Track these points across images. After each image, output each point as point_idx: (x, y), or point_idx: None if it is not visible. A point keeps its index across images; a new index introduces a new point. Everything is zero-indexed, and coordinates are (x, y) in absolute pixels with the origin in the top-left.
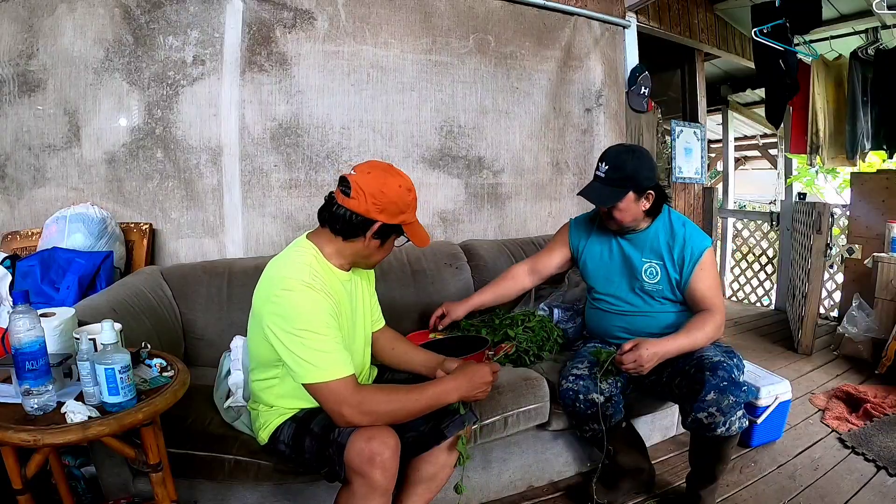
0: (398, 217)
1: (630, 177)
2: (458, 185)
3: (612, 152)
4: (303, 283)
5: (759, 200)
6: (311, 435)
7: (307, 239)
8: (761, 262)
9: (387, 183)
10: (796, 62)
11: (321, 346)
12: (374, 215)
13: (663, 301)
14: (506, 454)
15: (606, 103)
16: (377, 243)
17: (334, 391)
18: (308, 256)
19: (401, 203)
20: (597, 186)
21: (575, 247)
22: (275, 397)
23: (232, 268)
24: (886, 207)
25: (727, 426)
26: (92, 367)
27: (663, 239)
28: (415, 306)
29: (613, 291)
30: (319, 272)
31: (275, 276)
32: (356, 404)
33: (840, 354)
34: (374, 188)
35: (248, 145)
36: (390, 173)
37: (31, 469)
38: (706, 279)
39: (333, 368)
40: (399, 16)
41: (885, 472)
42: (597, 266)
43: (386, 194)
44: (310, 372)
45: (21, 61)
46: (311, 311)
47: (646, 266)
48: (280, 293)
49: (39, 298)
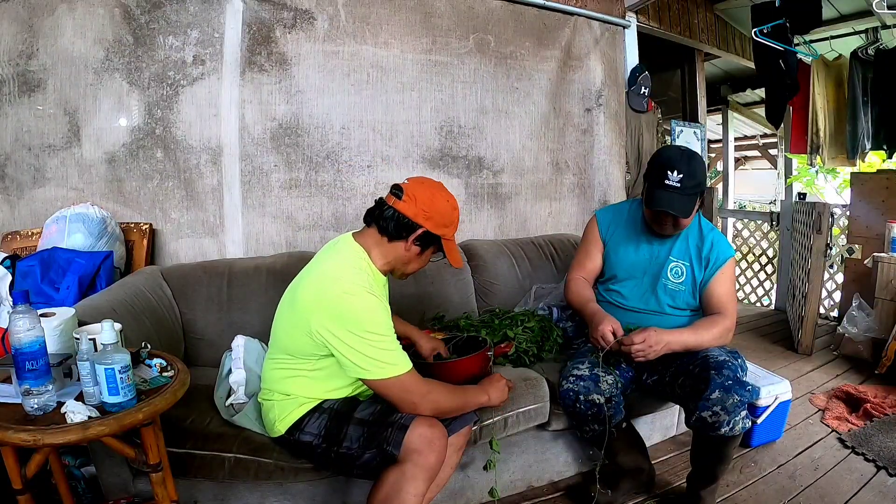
0: (441, 229)
1: (701, 183)
2: (458, 185)
3: (681, 159)
4: (365, 290)
5: (759, 200)
6: (356, 422)
7: (354, 240)
8: (761, 262)
9: (437, 196)
10: (796, 62)
11: (387, 346)
12: (420, 220)
13: (682, 306)
14: (506, 454)
15: (606, 103)
16: (417, 250)
17: (405, 383)
18: (362, 262)
19: (446, 217)
20: (674, 196)
21: (604, 236)
22: (297, 387)
23: (232, 268)
24: (886, 207)
25: (731, 426)
26: (92, 367)
27: (693, 241)
28: (415, 306)
29: (632, 287)
30: (372, 277)
31: (332, 278)
32: (425, 393)
33: (840, 354)
34: (425, 197)
35: (248, 145)
36: (441, 189)
37: (31, 469)
38: (725, 283)
39: (401, 364)
40: (399, 16)
41: (885, 472)
42: (621, 258)
43: (435, 205)
44: (382, 369)
45: (21, 61)
46: (375, 315)
47: (672, 265)
48: (342, 296)
49: (39, 298)
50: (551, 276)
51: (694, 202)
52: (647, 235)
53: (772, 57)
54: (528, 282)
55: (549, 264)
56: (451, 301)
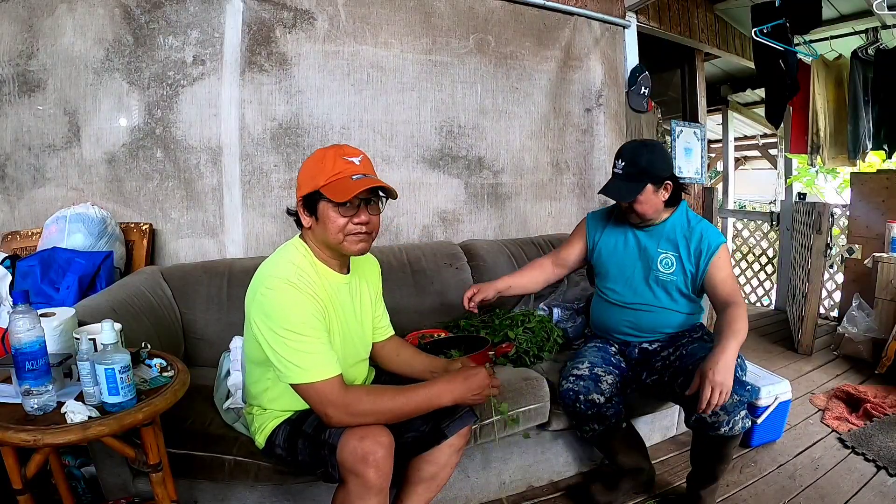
0: (309, 185)
1: (646, 169)
2: (458, 185)
3: (627, 148)
4: (286, 283)
5: (759, 200)
6: (303, 436)
7: (299, 238)
8: (761, 262)
9: (306, 161)
10: (796, 62)
11: (304, 347)
12: (298, 194)
13: (675, 296)
14: (506, 454)
15: (606, 103)
16: (313, 220)
17: (320, 392)
18: (297, 256)
19: (309, 172)
20: (616, 183)
21: (591, 239)
22: (268, 400)
23: (232, 268)
24: (886, 207)
25: (730, 425)
26: (92, 367)
27: (679, 232)
28: (415, 306)
29: (625, 282)
30: (307, 272)
31: (262, 275)
32: (342, 405)
33: (840, 354)
34: (301, 169)
35: (248, 145)
36: (319, 150)
37: (31, 469)
38: (723, 269)
39: (317, 369)
40: (399, 16)
41: (885, 472)
42: (610, 255)
43: (301, 171)
44: (294, 373)
45: (21, 61)
46: (293, 311)
47: (661, 256)
48: (265, 291)
49: (39, 298)
50: None
51: (637, 188)
52: (633, 231)
53: (772, 57)
54: None
55: None
56: (450, 300)
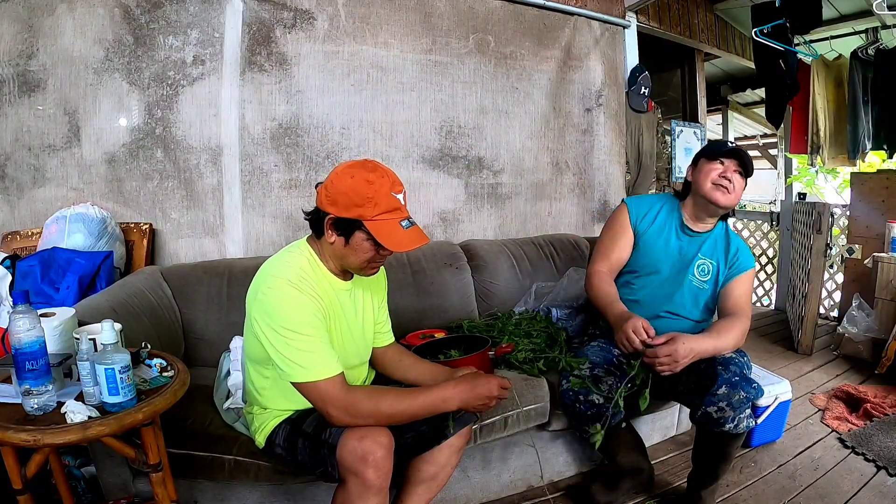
0: (354, 210)
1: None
2: (458, 185)
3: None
4: (288, 283)
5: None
6: (303, 436)
7: (306, 242)
8: (761, 262)
9: (341, 173)
10: (796, 62)
11: (306, 346)
12: (325, 207)
13: (701, 308)
14: (506, 454)
15: (606, 103)
16: (342, 241)
17: (322, 391)
18: (301, 258)
19: (353, 195)
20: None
21: (635, 223)
22: (268, 399)
23: (232, 268)
24: (886, 207)
25: (735, 422)
26: (92, 367)
27: (721, 244)
28: (415, 306)
29: (652, 283)
30: (309, 275)
31: (264, 275)
32: (343, 405)
33: (840, 354)
34: (335, 179)
35: (248, 145)
36: (356, 166)
37: (31, 469)
38: (743, 286)
39: (319, 368)
40: (399, 16)
41: (885, 472)
42: (651, 248)
43: (335, 184)
44: (297, 371)
45: (21, 61)
46: (294, 310)
47: (699, 263)
48: (266, 291)
49: (39, 298)
50: (551, 275)
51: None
52: (678, 231)
53: (772, 57)
54: (528, 281)
55: (549, 264)
56: (450, 301)
